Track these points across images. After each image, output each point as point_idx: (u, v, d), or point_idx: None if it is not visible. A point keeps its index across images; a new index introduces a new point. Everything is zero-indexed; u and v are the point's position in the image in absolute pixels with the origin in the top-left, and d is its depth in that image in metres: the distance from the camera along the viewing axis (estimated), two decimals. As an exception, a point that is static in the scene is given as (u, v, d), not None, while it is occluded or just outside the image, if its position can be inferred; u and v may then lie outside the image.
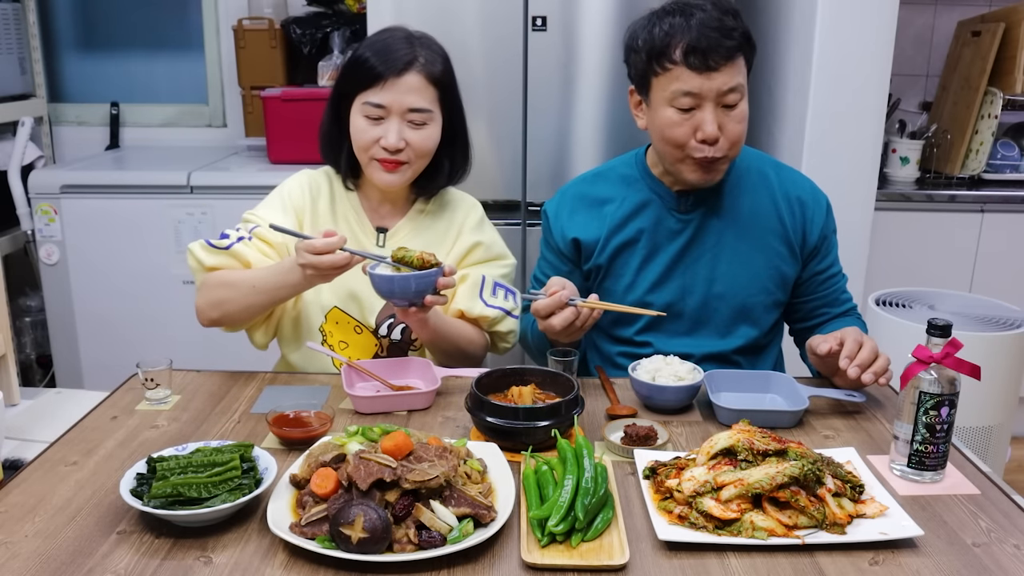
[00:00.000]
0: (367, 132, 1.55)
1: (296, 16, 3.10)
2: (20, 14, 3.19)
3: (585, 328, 1.46)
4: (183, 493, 1.05)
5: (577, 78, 2.43)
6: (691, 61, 1.42)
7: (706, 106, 1.45)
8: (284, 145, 2.83)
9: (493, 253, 1.69)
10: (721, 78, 1.43)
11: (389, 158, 1.55)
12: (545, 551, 1.01)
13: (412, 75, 1.53)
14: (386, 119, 1.54)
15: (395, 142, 1.53)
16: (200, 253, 1.55)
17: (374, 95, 1.53)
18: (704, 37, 1.41)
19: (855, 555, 1.02)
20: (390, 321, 1.64)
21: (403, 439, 1.07)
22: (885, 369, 1.38)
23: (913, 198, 2.95)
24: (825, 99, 2.43)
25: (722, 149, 1.48)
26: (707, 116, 1.45)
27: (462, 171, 1.69)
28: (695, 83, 1.43)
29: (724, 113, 1.46)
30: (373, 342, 1.65)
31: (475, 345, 1.64)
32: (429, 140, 1.57)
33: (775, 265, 1.62)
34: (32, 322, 3.19)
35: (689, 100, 1.45)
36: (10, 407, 1.93)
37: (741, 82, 1.45)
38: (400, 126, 1.54)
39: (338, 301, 1.63)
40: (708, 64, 1.42)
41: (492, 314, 1.62)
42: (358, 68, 1.55)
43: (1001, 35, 2.93)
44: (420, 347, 1.67)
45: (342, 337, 1.64)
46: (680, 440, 1.33)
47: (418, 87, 1.53)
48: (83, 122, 3.43)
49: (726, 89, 1.44)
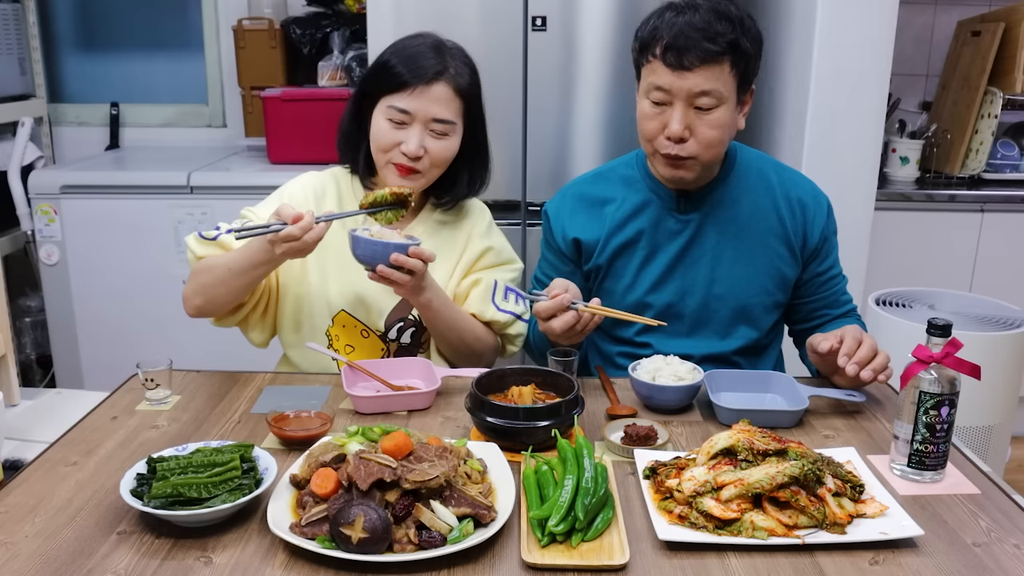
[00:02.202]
0: (388, 135, 1.55)
1: (296, 16, 3.10)
2: (20, 14, 3.19)
3: (586, 332, 1.46)
4: (183, 493, 1.04)
5: (577, 78, 2.42)
6: (668, 58, 1.43)
7: (676, 104, 1.45)
8: (284, 145, 2.83)
9: (503, 258, 1.70)
10: (694, 79, 1.43)
11: (406, 164, 1.55)
12: (545, 551, 1.01)
13: (440, 85, 1.53)
14: (409, 125, 1.54)
15: (415, 149, 1.53)
16: (192, 244, 1.58)
17: (400, 100, 1.53)
18: (684, 36, 1.41)
19: (855, 555, 1.02)
20: (400, 325, 1.64)
21: (403, 439, 1.07)
22: (885, 366, 1.38)
23: (913, 198, 2.95)
24: (825, 99, 2.43)
25: (690, 150, 1.48)
26: (675, 114, 1.45)
27: (480, 183, 1.69)
28: (667, 79, 1.44)
29: (696, 115, 1.46)
30: (380, 346, 1.64)
31: (483, 343, 1.64)
32: (447, 151, 1.58)
33: (775, 266, 1.62)
34: (32, 322, 3.19)
35: (661, 95, 1.46)
36: (10, 407, 1.93)
37: (718, 88, 1.43)
38: (422, 134, 1.54)
39: (346, 304, 1.62)
40: (683, 63, 1.42)
41: (503, 318, 1.63)
42: (386, 71, 1.55)
43: (1001, 35, 2.93)
44: (427, 351, 1.67)
45: (348, 341, 1.63)
46: (680, 440, 1.33)
47: (445, 98, 1.54)
48: (83, 122, 3.43)
49: (698, 91, 1.43)
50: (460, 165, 1.63)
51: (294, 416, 1.31)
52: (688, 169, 1.52)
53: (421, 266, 1.44)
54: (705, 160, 1.50)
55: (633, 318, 1.50)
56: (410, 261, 1.42)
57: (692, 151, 1.48)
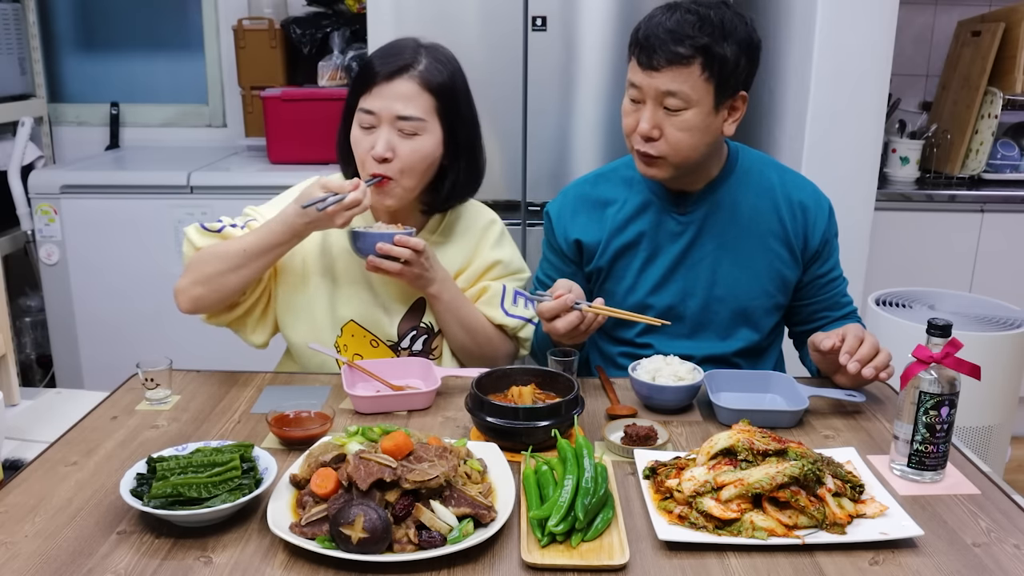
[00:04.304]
0: (360, 143, 1.51)
1: (296, 16, 3.10)
2: (20, 14, 3.19)
3: (589, 332, 1.46)
4: (183, 493, 1.04)
5: (577, 78, 2.42)
6: (640, 57, 1.45)
7: (648, 103, 1.47)
8: (284, 145, 2.83)
9: (511, 270, 1.68)
10: (661, 79, 1.43)
11: (378, 169, 1.49)
12: (545, 551, 1.01)
13: (403, 81, 1.48)
14: (377, 127, 1.50)
15: (381, 151, 1.47)
16: (193, 235, 1.55)
17: (366, 101, 1.50)
18: (655, 36, 1.42)
19: (855, 555, 1.02)
20: (412, 333, 1.63)
21: (403, 439, 1.07)
22: (886, 364, 1.38)
23: (913, 198, 2.95)
24: (825, 99, 2.43)
25: (659, 149, 1.48)
26: (645, 112, 1.47)
27: (468, 187, 1.63)
28: (639, 78, 1.46)
29: (665, 115, 1.46)
30: (390, 356, 1.62)
31: (494, 346, 1.63)
32: (418, 152, 1.50)
33: (776, 268, 1.62)
34: (32, 322, 3.19)
35: (635, 92, 1.48)
36: (10, 407, 1.93)
37: (684, 90, 1.42)
38: (389, 134, 1.49)
39: (355, 315, 1.60)
40: (651, 63, 1.43)
41: (513, 323, 1.63)
42: (358, 75, 1.54)
43: (1001, 35, 2.93)
44: (439, 358, 1.66)
45: (357, 350, 1.62)
46: (680, 440, 1.33)
47: (409, 94, 1.48)
48: (83, 122, 3.43)
49: (664, 91, 1.43)
50: (444, 168, 1.57)
51: (294, 416, 1.31)
52: (659, 168, 1.51)
53: (408, 254, 1.46)
54: (676, 162, 1.49)
55: (637, 318, 1.50)
56: (396, 249, 1.45)
57: (661, 151, 1.48)
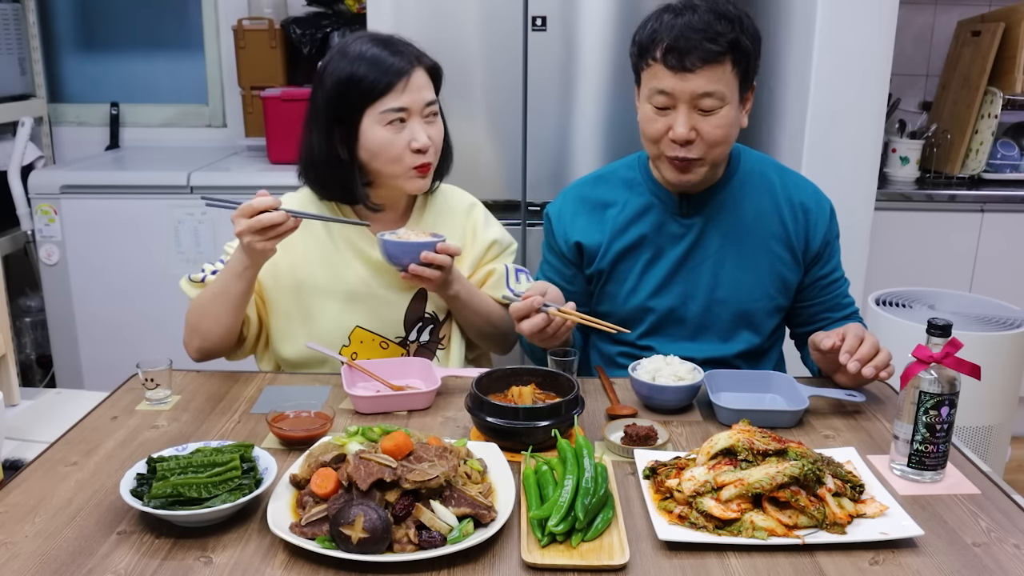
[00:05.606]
0: (394, 141, 1.51)
1: (296, 16, 3.10)
2: (20, 14, 3.19)
3: (558, 336, 1.45)
4: (183, 493, 1.04)
5: (577, 78, 2.42)
6: (669, 60, 1.42)
7: (680, 107, 1.44)
8: (284, 145, 2.83)
9: (504, 246, 1.73)
10: (697, 81, 1.42)
11: (421, 160, 1.53)
12: (545, 551, 1.01)
13: (419, 71, 1.53)
14: (407, 121, 1.52)
15: (425, 140, 1.53)
16: (185, 288, 1.60)
17: (393, 100, 1.50)
18: (685, 38, 1.40)
19: (855, 555, 1.02)
20: (419, 324, 1.64)
21: (403, 439, 1.07)
22: (886, 363, 1.38)
23: (913, 198, 2.95)
24: (825, 99, 2.43)
25: (697, 151, 1.47)
26: (680, 117, 1.45)
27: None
28: (670, 83, 1.43)
29: (700, 116, 1.45)
30: (400, 352, 1.64)
31: (509, 322, 1.61)
32: (440, 132, 1.58)
33: (777, 270, 1.62)
34: (32, 322, 3.19)
35: (664, 99, 1.45)
36: (10, 407, 1.93)
37: (721, 89, 1.43)
38: (420, 124, 1.53)
39: (359, 320, 1.61)
40: (684, 65, 1.41)
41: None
42: (357, 84, 1.49)
43: (1001, 35, 2.93)
44: (447, 347, 1.68)
45: (367, 356, 1.61)
46: (680, 440, 1.33)
47: (423, 82, 1.54)
48: (83, 122, 3.43)
49: (700, 92, 1.42)
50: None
51: (294, 416, 1.31)
52: (695, 172, 1.51)
53: (448, 260, 1.49)
54: (711, 159, 1.50)
55: (603, 325, 1.48)
56: (439, 257, 1.47)
57: (699, 152, 1.47)
